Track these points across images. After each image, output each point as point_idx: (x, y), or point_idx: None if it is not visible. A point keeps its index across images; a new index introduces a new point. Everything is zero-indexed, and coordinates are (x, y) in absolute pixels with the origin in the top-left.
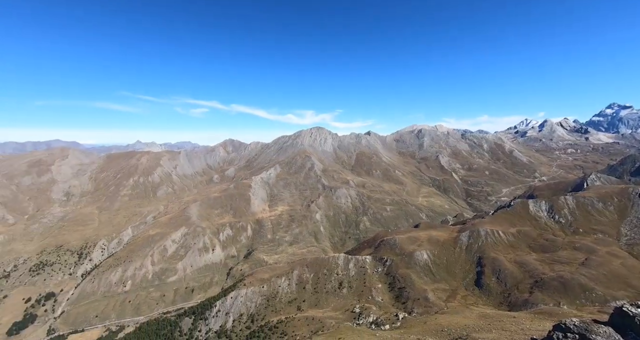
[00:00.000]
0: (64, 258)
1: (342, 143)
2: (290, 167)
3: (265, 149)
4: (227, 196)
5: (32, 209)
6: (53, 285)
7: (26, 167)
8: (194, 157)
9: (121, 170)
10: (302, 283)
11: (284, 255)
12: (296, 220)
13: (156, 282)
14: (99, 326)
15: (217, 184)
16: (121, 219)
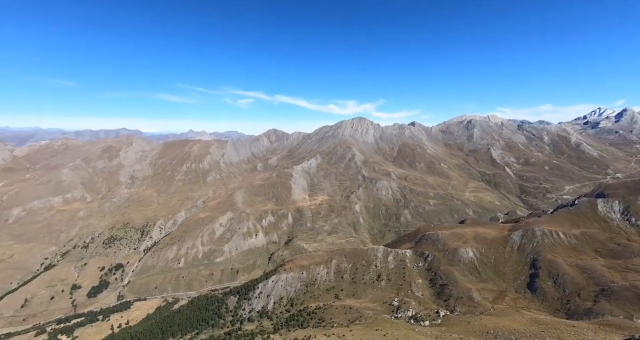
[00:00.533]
0: (129, 234)
1: (384, 134)
2: (330, 157)
3: (307, 139)
4: (269, 184)
5: (104, 189)
6: (121, 257)
7: (100, 153)
8: (240, 146)
9: (176, 157)
10: (340, 272)
11: (323, 244)
12: (335, 210)
13: (205, 261)
14: (157, 297)
15: (261, 172)
16: (176, 202)
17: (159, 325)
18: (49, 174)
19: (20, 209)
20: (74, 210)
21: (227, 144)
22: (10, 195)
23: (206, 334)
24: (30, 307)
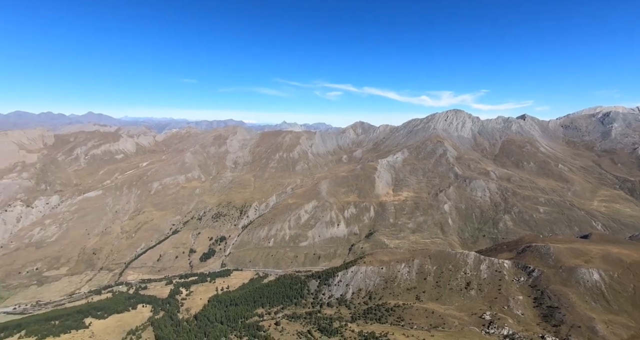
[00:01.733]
0: (231, 212)
1: (484, 128)
2: (419, 152)
3: (394, 132)
4: (353, 176)
5: (214, 171)
6: (225, 231)
7: (212, 140)
8: (327, 137)
9: (271, 146)
10: (423, 273)
11: (405, 242)
12: (421, 208)
13: (291, 244)
14: (251, 269)
15: (345, 164)
16: (269, 187)
17: (252, 294)
18: (176, 156)
19: (158, 183)
20: (193, 188)
21: (315, 136)
22: (152, 172)
23: (290, 310)
24: (162, 261)
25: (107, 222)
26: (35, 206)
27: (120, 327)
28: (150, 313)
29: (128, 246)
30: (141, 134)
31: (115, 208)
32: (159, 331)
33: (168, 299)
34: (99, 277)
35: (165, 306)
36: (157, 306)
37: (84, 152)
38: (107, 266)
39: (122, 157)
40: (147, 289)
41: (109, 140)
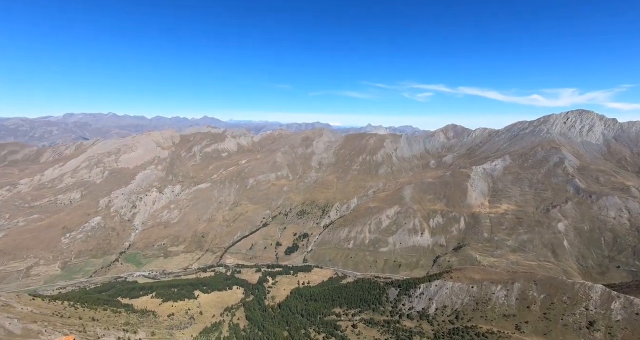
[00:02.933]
0: (314, 210)
1: (622, 132)
2: (525, 159)
3: (493, 137)
4: (441, 183)
5: (300, 171)
6: (307, 228)
7: (300, 141)
8: (413, 141)
9: (354, 149)
10: (525, 300)
11: (503, 261)
12: (525, 224)
13: (371, 248)
14: (330, 268)
15: (433, 170)
16: (350, 189)
17: (330, 293)
18: (269, 156)
19: (253, 179)
20: (281, 185)
21: (401, 139)
22: (248, 169)
23: (367, 315)
24: (254, 250)
25: (212, 211)
26: (164, 193)
27: (219, 302)
28: (242, 295)
29: (227, 233)
30: (242, 135)
31: (219, 199)
32: (249, 313)
33: (257, 285)
34: (205, 257)
35: (255, 291)
36: (248, 290)
37: (199, 150)
38: (211, 248)
39: (226, 155)
40: (241, 273)
41: (217, 140)
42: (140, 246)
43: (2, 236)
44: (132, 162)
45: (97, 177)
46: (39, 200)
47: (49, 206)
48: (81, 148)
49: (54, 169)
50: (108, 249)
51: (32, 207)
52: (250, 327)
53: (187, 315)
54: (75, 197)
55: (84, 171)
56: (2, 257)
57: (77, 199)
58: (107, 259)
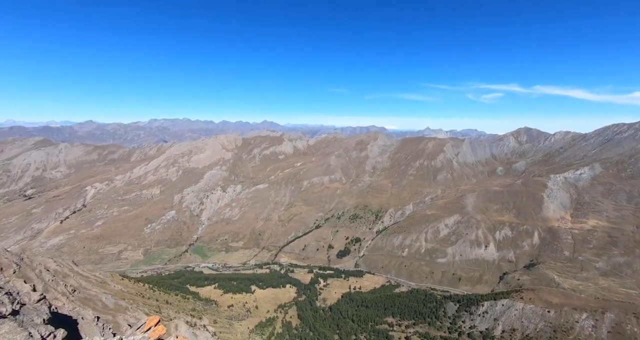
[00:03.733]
0: (367, 215)
1: None
2: (622, 168)
3: (578, 141)
4: (510, 192)
5: (354, 174)
6: (360, 233)
7: (354, 145)
8: (478, 145)
9: (411, 153)
10: (622, 335)
11: (590, 286)
12: (621, 244)
13: (427, 257)
14: (382, 275)
15: (501, 177)
16: (406, 195)
17: (383, 301)
18: (323, 159)
19: (307, 181)
20: (334, 188)
21: (463, 143)
22: (303, 172)
23: (422, 328)
24: (306, 251)
25: (269, 211)
26: (227, 192)
27: (273, 299)
28: (295, 294)
29: (282, 232)
30: (298, 139)
31: (275, 199)
32: (301, 312)
33: (309, 286)
34: (262, 254)
35: (307, 291)
36: (300, 289)
37: (259, 152)
38: (267, 246)
39: (283, 157)
40: (294, 273)
41: (275, 143)
42: (206, 240)
43: (102, 223)
44: (201, 163)
45: (173, 175)
46: (129, 194)
47: (136, 200)
48: (161, 149)
49: (140, 167)
50: (180, 240)
51: (123, 200)
52: (302, 327)
53: (244, 308)
54: (155, 192)
55: (163, 170)
56: (101, 241)
57: (157, 195)
58: (179, 249)
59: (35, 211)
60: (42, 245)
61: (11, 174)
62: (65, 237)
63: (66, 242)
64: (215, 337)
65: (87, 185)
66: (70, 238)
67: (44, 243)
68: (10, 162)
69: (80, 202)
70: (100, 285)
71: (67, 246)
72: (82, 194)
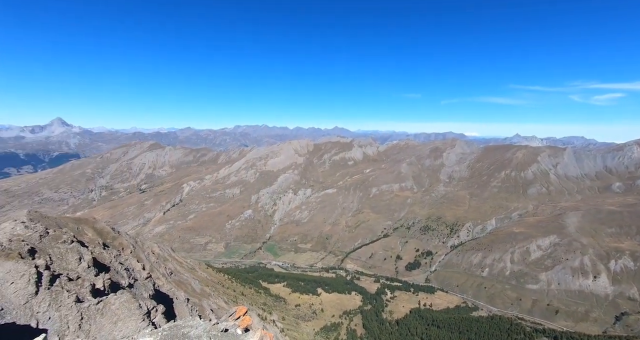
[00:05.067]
0: (440, 227)
1: None
2: None
3: None
4: (632, 214)
5: (427, 183)
6: (432, 246)
7: (428, 152)
8: (585, 156)
9: (495, 162)
10: None
11: None
12: None
13: (513, 281)
14: (457, 295)
15: (618, 195)
16: (487, 208)
17: (457, 324)
18: (393, 166)
19: (376, 188)
20: (405, 197)
21: (565, 153)
22: (372, 178)
23: None
24: (373, 259)
25: (337, 215)
26: (298, 195)
27: (338, 304)
28: (360, 302)
29: (349, 238)
30: (367, 145)
31: (343, 205)
32: (366, 322)
33: (375, 295)
34: (328, 259)
35: (372, 301)
36: (365, 298)
37: (329, 158)
38: (334, 251)
39: (352, 163)
40: (359, 280)
41: (345, 149)
42: (277, 239)
43: (193, 217)
44: (276, 166)
45: (251, 177)
46: (215, 192)
47: (220, 198)
48: (242, 153)
49: (224, 169)
50: (255, 237)
51: (210, 197)
52: (367, 337)
53: (310, 309)
54: (236, 192)
55: (243, 172)
56: (192, 232)
57: (237, 194)
58: (254, 245)
59: (147, 203)
60: (150, 231)
61: (132, 171)
62: (166, 226)
63: (167, 231)
64: (282, 334)
65: (183, 183)
66: (169, 228)
67: (151, 230)
68: (132, 161)
69: (178, 197)
70: (190, 271)
71: (167, 234)
72: (179, 190)
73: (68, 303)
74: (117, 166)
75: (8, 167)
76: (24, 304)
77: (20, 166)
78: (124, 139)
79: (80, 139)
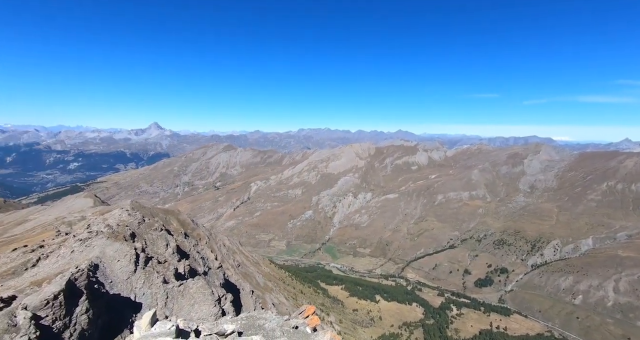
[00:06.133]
0: (518, 243)
1: None
2: None
3: None
4: None
5: (502, 193)
6: (507, 263)
7: (505, 159)
8: None
9: (593, 172)
10: None
11: None
12: None
13: (617, 315)
14: (539, 321)
15: None
16: (582, 225)
17: None
18: (463, 172)
19: (442, 196)
20: (475, 206)
21: None
22: (438, 185)
23: None
24: (437, 271)
25: (398, 222)
26: (358, 198)
27: (398, 314)
28: (422, 315)
29: (410, 247)
30: (434, 149)
31: (405, 211)
32: (428, 337)
33: (438, 310)
34: (387, 265)
35: (436, 316)
36: (428, 311)
37: (391, 162)
38: (394, 258)
39: (416, 168)
40: (421, 292)
41: (408, 153)
42: (336, 241)
43: (259, 214)
44: (337, 169)
45: (312, 179)
46: (279, 192)
47: (283, 197)
48: (305, 156)
49: (288, 170)
50: (314, 238)
51: (274, 196)
52: None
53: (368, 316)
54: (297, 193)
55: (305, 174)
56: (257, 229)
57: (299, 195)
58: (313, 246)
59: (220, 199)
60: (222, 225)
61: (209, 170)
62: (236, 222)
63: (236, 226)
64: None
65: (251, 182)
66: (238, 223)
67: (223, 224)
68: (209, 161)
69: (246, 195)
70: (255, 265)
71: (236, 229)
72: (248, 189)
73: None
74: (197, 165)
75: (118, 163)
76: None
77: (126, 163)
78: (204, 140)
79: (170, 140)
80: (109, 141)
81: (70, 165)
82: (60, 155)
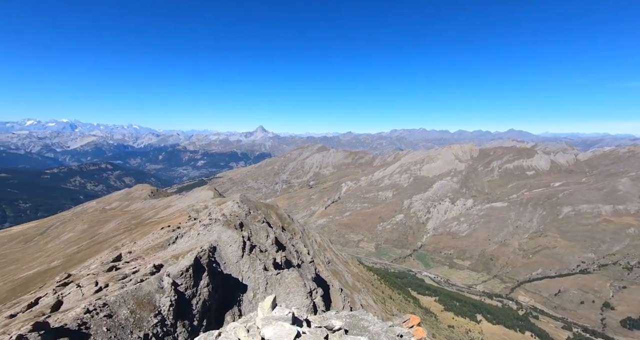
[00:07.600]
0: None
1: None
2: None
3: None
4: None
5: None
6: None
7: None
8: None
9: None
10: None
11: None
12: None
13: None
14: None
15: None
16: None
17: None
18: (604, 180)
19: (570, 208)
20: (623, 224)
21: None
22: (564, 194)
23: None
24: (561, 298)
25: (506, 234)
26: (456, 204)
27: None
28: None
29: (523, 265)
30: (559, 151)
31: (516, 223)
32: None
33: None
34: (492, 283)
35: None
36: None
37: (498, 166)
38: (500, 276)
39: (533, 173)
40: (538, 320)
41: (523, 156)
42: (430, 249)
43: (349, 214)
44: (432, 172)
45: (405, 181)
46: (369, 193)
47: (373, 199)
48: (397, 157)
49: (379, 172)
50: (405, 243)
51: (364, 198)
52: None
53: (467, 335)
54: (388, 195)
55: (397, 176)
56: (347, 228)
57: (389, 197)
58: (404, 251)
59: (313, 197)
60: (314, 222)
61: (304, 170)
62: (326, 220)
63: (326, 224)
64: None
65: (342, 182)
66: (329, 222)
67: (315, 221)
68: (304, 161)
69: (337, 195)
70: (343, 264)
71: (327, 227)
72: (339, 189)
73: (259, 269)
74: (294, 164)
75: (232, 162)
76: (235, 262)
77: (237, 161)
78: (300, 142)
79: (272, 142)
80: (226, 143)
81: (198, 162)
82: (192, 155)
